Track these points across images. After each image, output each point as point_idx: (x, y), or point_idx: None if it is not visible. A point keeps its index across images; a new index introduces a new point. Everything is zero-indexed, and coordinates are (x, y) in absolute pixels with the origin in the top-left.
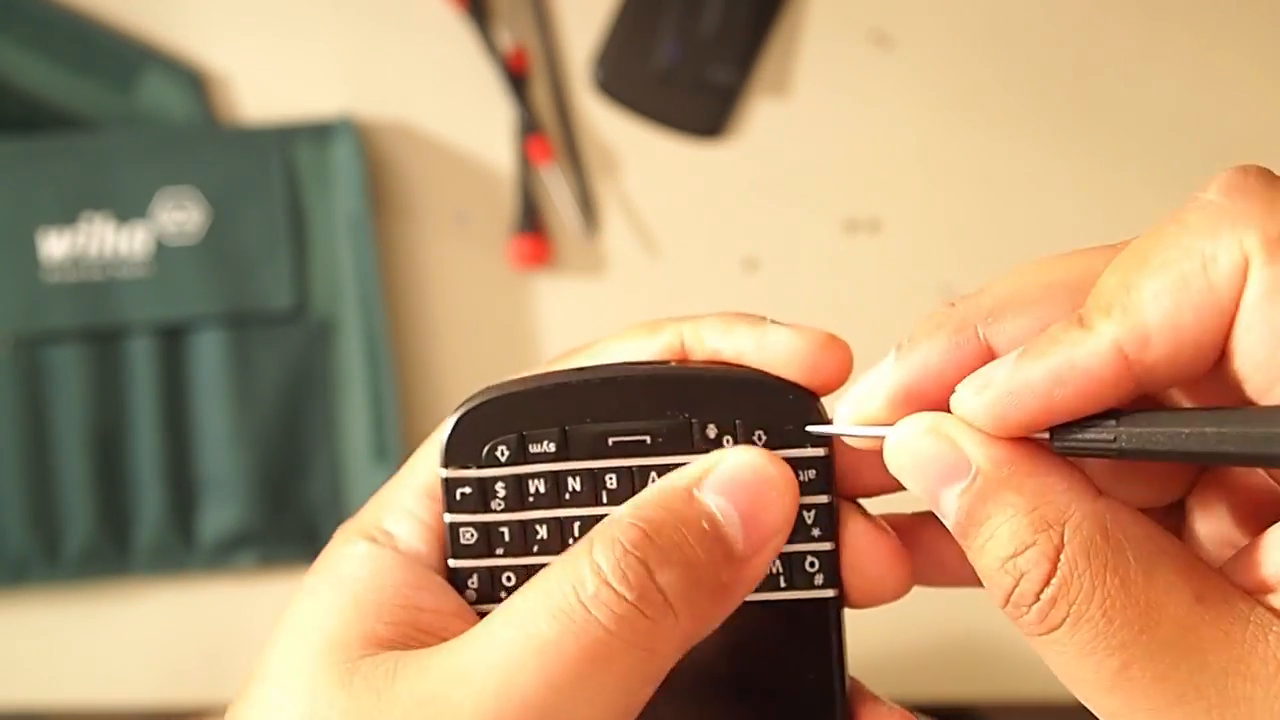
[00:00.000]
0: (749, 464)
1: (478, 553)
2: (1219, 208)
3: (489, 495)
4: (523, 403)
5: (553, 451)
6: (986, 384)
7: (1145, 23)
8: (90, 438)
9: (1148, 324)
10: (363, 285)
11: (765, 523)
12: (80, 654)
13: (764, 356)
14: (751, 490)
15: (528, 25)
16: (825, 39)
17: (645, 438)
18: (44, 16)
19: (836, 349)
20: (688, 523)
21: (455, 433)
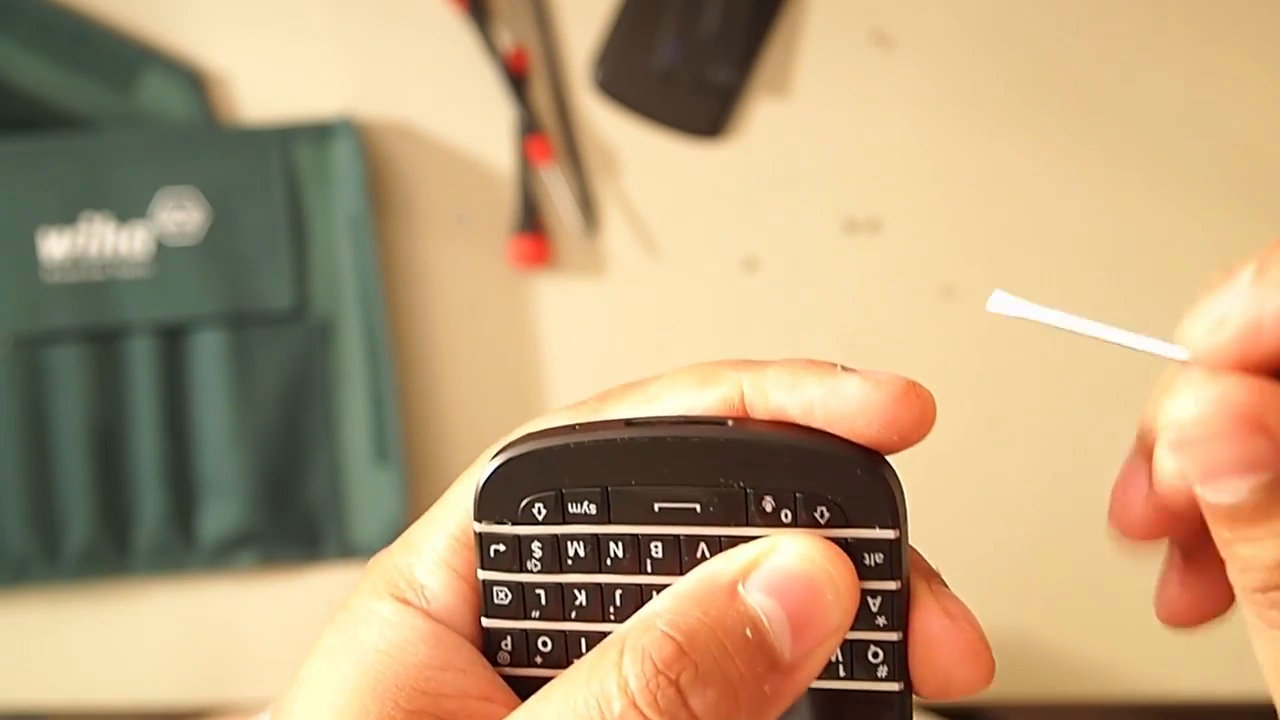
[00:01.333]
0: (802, 557)
1: (512, 614)
2: None
3: (525, 554)
4: (563, 457)
5: (593, 514)
6: (1224, 320)
7: (1146, 22)
8: (90, 438)
9: None
10: (363, 285)
11: (817, 627)
12: (80, 654)
13: (835, 410)
14: (803, 589)
15: (528, 25)
16: (825, 39)
17: (695, 506)
18: (44, 16)
19: (917, 399)
20: (728, 631)
21: (489, 485)
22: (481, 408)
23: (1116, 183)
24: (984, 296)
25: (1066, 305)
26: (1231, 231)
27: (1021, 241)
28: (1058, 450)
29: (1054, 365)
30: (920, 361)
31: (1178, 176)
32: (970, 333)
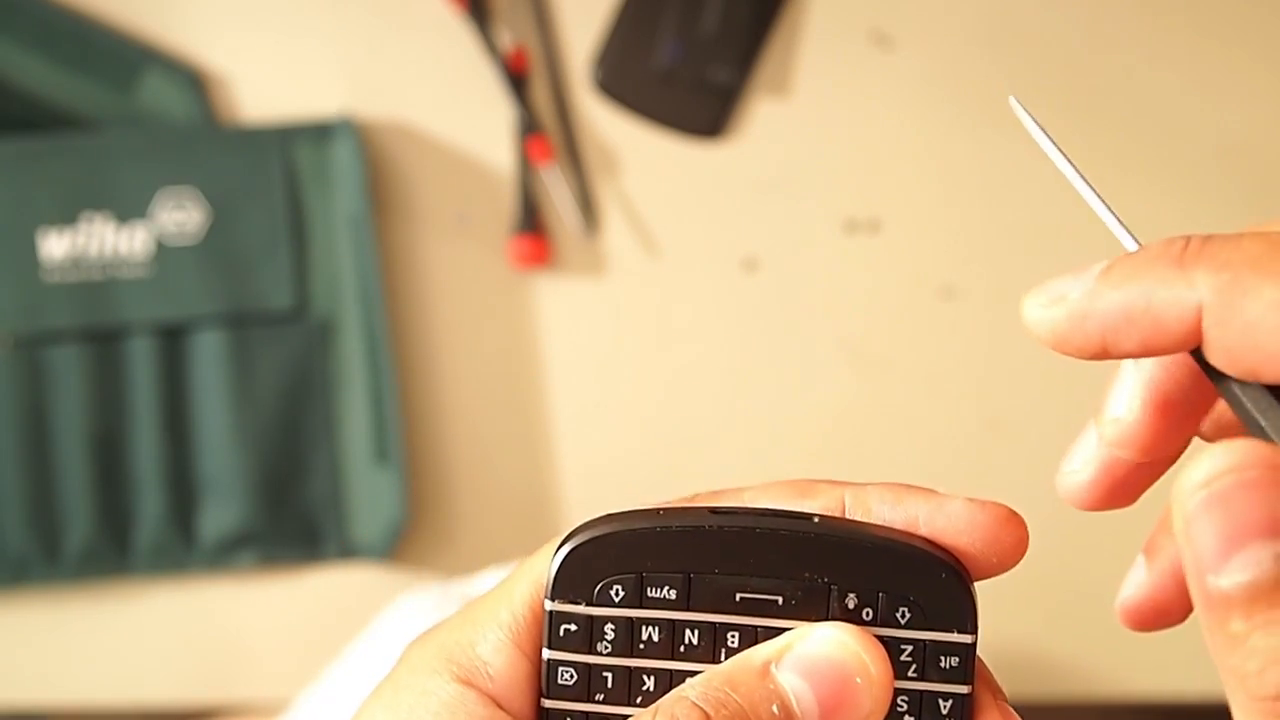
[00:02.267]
0: (836, 642)
1: (575, 695)
2: None
3: (596, 636)
4: (647, 541)
5: (673, 599)
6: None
7: (1146, 23)
8: (90, 438)
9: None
10: (363, 285)
11: (846, 712)
12: (80, 654)
13: (940, 527)
14: (835, 673)
15: (528, 25)
16: (825, 39)
17: (778, 598)
18: (44, 16)
19: (1018, 526)
20: (755, 706)
21: (567, 564)
22: (481, 408)
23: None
24: (984, 296)
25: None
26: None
27: (1021, 241)
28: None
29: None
30: (920, 361)
31: (1178, 176)
32: (970, 333)
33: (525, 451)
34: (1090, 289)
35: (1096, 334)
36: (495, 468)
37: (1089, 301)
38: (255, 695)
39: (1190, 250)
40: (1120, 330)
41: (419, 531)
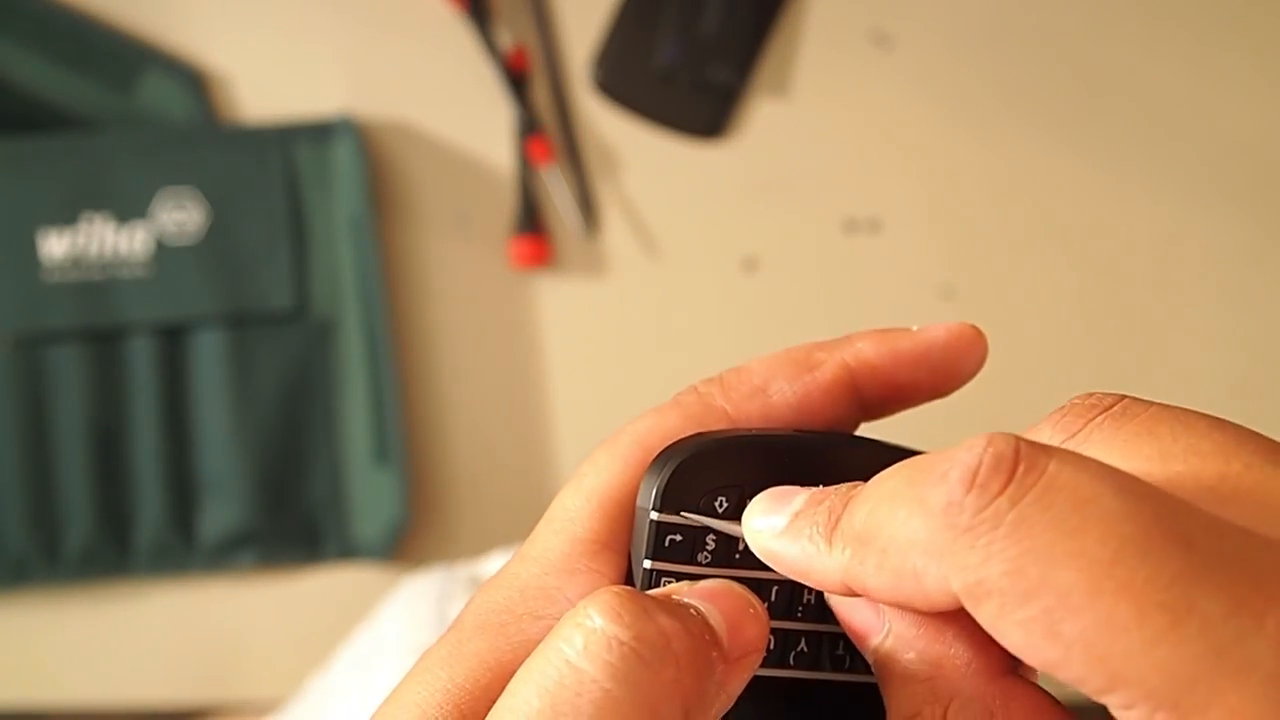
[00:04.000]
0: (724, 584)
1: None
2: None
3: (697, 547)
4: (745, 454)
5: None
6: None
7: (1145, 22)
8: (90, 438)
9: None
10: (363, 285)
11: (746, 635)
12: (80, 654)
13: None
14: (731, 603)
15: (528, 25)
16: (825, 39)
17: None
18: (44, 16)
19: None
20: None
21: (676, 476)
22: (481, 408)
23: (1116, 183)
24: (984, 296)
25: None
26: (1231, 231)
27: (1021, 241)
28: None
29: (1054, 365)
30: None
31: (1178, 176)
32: None
33: (525, 451)
34: (766, 541)
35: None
36: (495, 468)
37: (808, 559)
38: (255, 695)
39: (832, 524)
40: (789, 573)
41: (419, 531)
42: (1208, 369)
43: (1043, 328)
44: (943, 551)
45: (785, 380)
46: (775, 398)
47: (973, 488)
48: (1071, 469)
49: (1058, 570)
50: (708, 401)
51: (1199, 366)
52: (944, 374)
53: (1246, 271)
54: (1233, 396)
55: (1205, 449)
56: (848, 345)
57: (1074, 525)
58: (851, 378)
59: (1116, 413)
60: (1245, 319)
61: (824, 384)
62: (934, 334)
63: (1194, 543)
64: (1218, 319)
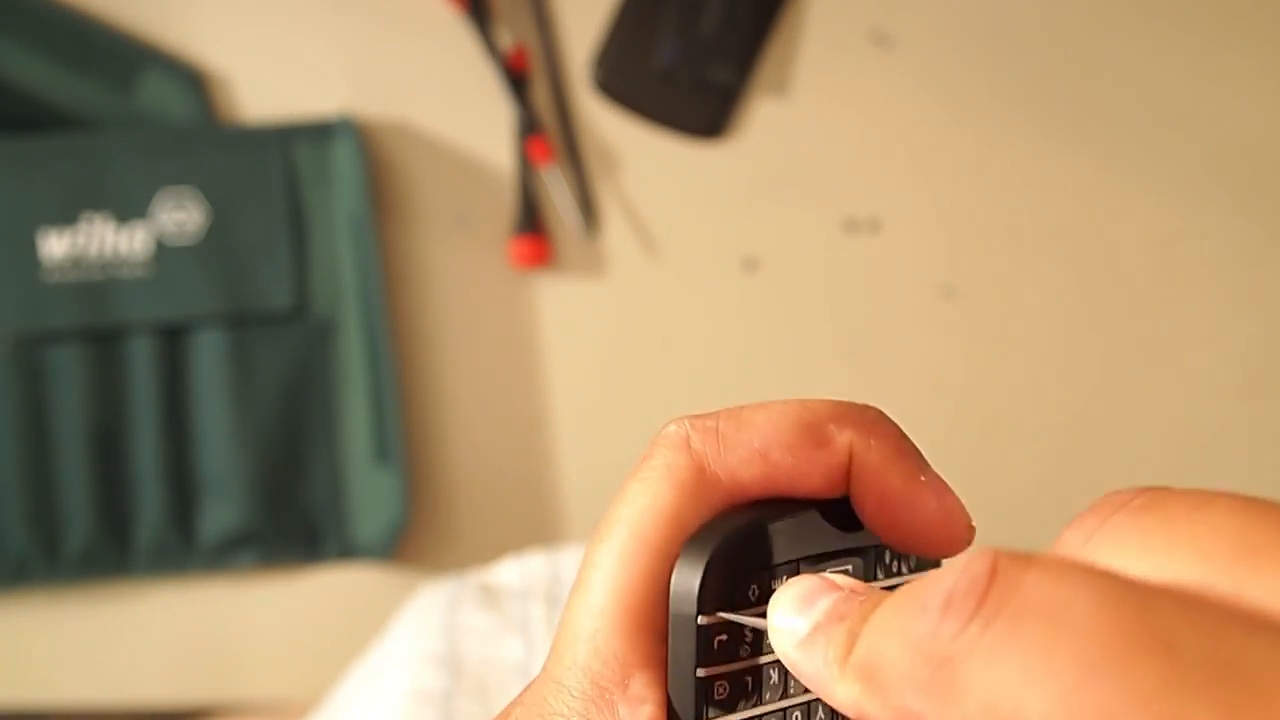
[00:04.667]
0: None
1: (731, 705)
2: None
3: (741, 640)
4: (777, 538)
5: None
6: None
7: (1145, 22)
8: (90, 438)
9: None
10: (363, 285)
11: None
12: (80, 654)
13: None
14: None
15: (528, 25)
16: (825, 39)
17: (849, 567)
18: (44, 16)
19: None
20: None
21: (711, 575)
22: (481, 408)
23: (1116, 183)
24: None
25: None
26: (1231, 231)
27: (1021, 241)
28: (1057, 450)
29: (1054, 365)
30: (920, 361)
31: (1178, 176)
32: (970, 333)
33: (525, 451)
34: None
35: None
36: (495, 468)
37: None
38: (255, 695)
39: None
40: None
41: (419, 531)
42: (1208, 369)
43: (1043, 327)
44: (927, 688)
45: (788, 450)
46: (776, 470)
47: (949, 612)
48: (1049, 579)
49: (1030, 698)
50: (702, 466)
51: (1199, 366)
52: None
53: (1246, 271)
54: (1233, 396)
55: (1222, 533)
56: (862, 433)
57: (1045, 643)
58: (853, 468)
59: (1135, 507)
60: (1245, 319)
61: (830, 467)
62: (923, 507)
63: (1180, 648)
64: (1218, 319)
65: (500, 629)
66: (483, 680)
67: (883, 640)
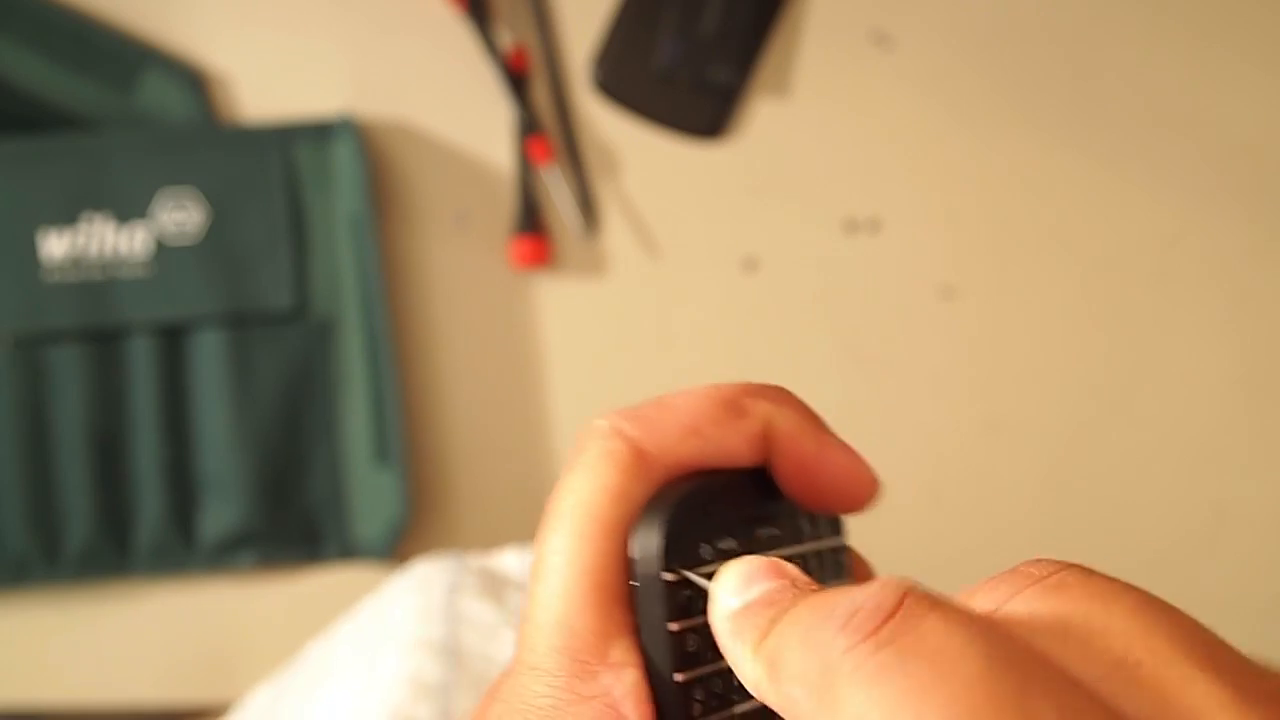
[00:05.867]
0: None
1: (703, 660)
2: None
3: (703, 596)
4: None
5: (735, 549)
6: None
7: (1145, 23)
8: (90, 438)
9: None
10: (363, 285)
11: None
12: (80, 654)
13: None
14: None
15: (528, 25)
16: (825, 39)
17: (775, 531)
18: (44, 16)
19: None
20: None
21: (672, 535)
22: (481, 408)
23: (1116, 183)
24: (984, 296)
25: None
26: (1231, 231)
27: (1021, 241)
28: (1058, 450)
29: (1054, 365)
30: (920, 361)
31: (1178, 176)
32: (970, 333)
33: (525, 451)
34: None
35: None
36: (495, 467)
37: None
38: None
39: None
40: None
41: (419, 531)
42: (1208, 369)
43: (1043, 327)
44: (813, 690)
45: (714, 424)
46: (707, 443)
47: (847, 627)
48: (946, 626)
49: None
50: (639, 447)
51: (1199, 366)
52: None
53: (1246, 271)
54: (1233, 397)
55: (1111, 636)
56: (775, 404)
57: (923, 684)
58: (770, 438)
59: (1047, 585)
60: (1245, 319)
61: (751, 435)
62: (835, 466)
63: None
64: (1218, 319)
65: (502, 623)
66: (483, 675)
67: (790, 635)
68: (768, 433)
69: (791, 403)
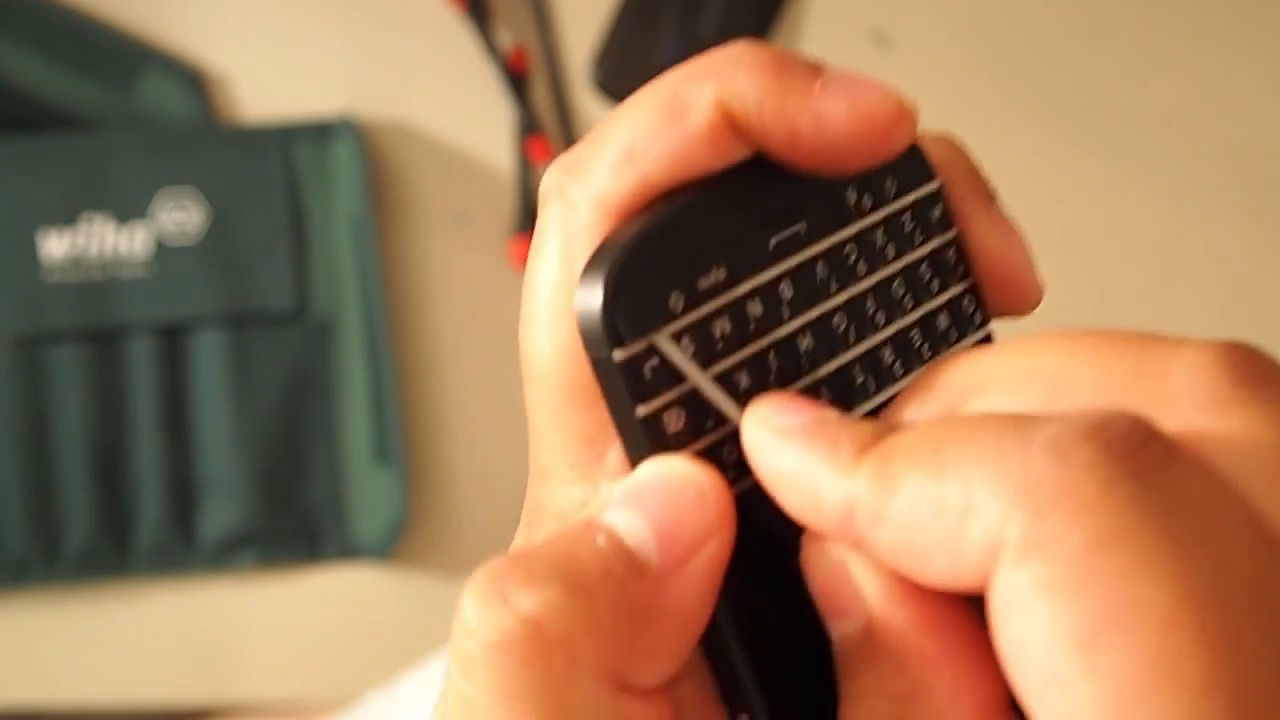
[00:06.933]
0: (656, 468)
1: (690, 437)
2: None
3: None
4: (670, 240)
5: (725, 279)
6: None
7: (1145, 22)
8: (90, 438)
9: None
10: (363, 285)
11: (686, 531)
12: (80, 654)
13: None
14: (662, 494)
15: (528, 25)
16: (825, 39)
17: (799, 229)
18: (44, 16)
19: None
20: (576, 541)
21: (619, 299)
22: (481, 408)
23: (1116, 183)
24: None
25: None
26: (1231, 231)
27: None
28: None
29: None
30: None
31: (1177, 176)
32: None
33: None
34: (770, 440)
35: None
36: (495, 468)
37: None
38: (255, 695)
39: (869, 440)
40: (780, 491)
41: (419, 531)
42: None
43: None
44: (1022, 489)
45: (650, 139)
46: (647, 162)
47: (1093, 439)
48: (1203, 478)
49: (1148, 581)
50: (570, 201)
51: None
52: (850, 150)
53: (1246, 271)
54: None
55: None
56: (725, 79)
57: (1191, 539)
58: (733, 120)
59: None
60: (1245, 319)
61: (701, 133)
62: (836, 122)
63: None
64: (1218, 319)
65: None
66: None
67: (953, 439)
68: (730, 119)
69: (748, 64)
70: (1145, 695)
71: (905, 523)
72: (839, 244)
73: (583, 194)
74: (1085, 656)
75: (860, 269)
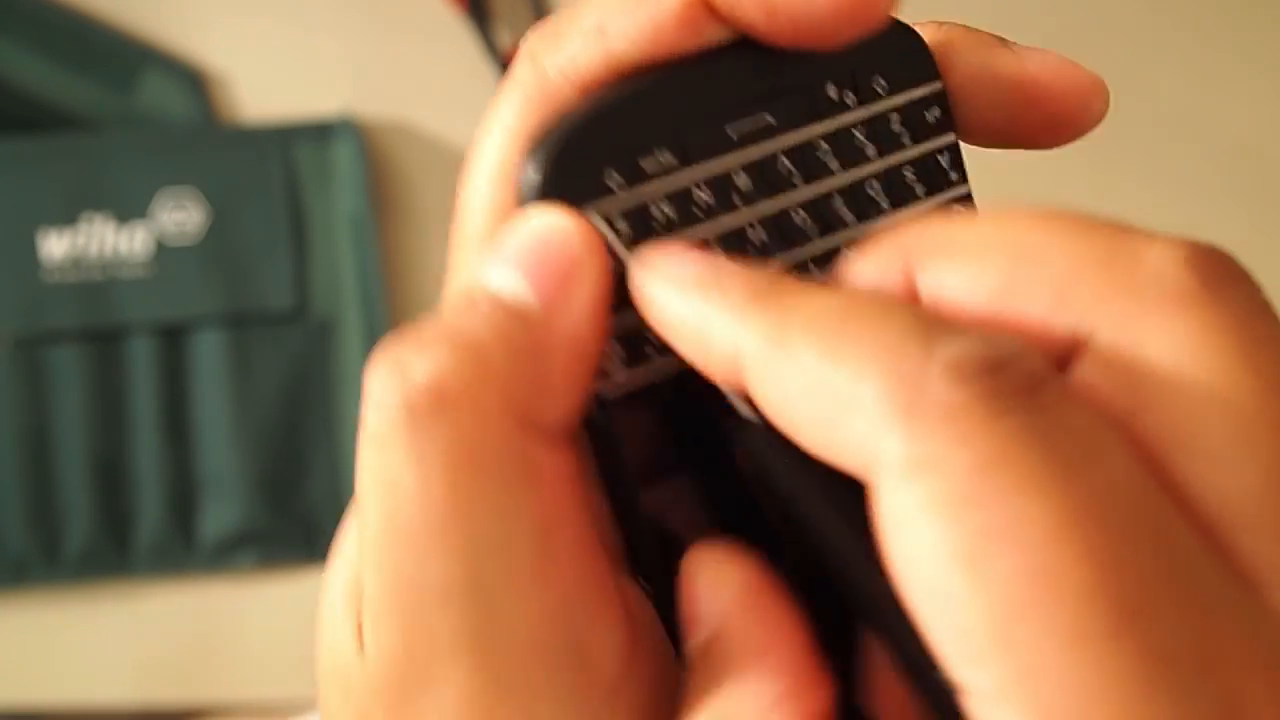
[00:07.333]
0: (519, 224)
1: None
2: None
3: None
4: (630, 113)
5: (674, 163)
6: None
7: (1145, 23)
8: (90, 438)
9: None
10: (364, 285)
11: (554, 262)
12: (80, 654)
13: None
14: (525, 238)
15: (528, 25)
16: None
17: (768, 120)
18: (44, 16)
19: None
20: (450, 308)
21: (557, 174)
22: None
23: (1115, 182)
24: None
25: None
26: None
27: None
28: None
29: None
30: None
31: (1178, 176)
32: None
33: None
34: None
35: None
36: None
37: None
38: (255, 695)
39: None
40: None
41: None
42: None
43: None
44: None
45: (623, 12)
46: (617, 38)
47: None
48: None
49: (1032, 499)
50: (541, 69)
51: None
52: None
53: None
54: None
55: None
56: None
57: (1073, 462)
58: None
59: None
60: None
61: (672, 9)
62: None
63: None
64: None
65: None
66: None
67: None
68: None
69: None
70: (1030, 605)
71: (788, 387)
72: (810, 139)
73: (552, 61)
74: (972, 571)
75: (832, 165)
